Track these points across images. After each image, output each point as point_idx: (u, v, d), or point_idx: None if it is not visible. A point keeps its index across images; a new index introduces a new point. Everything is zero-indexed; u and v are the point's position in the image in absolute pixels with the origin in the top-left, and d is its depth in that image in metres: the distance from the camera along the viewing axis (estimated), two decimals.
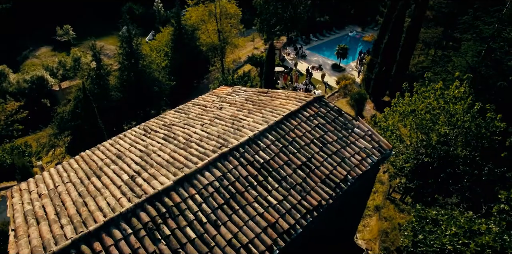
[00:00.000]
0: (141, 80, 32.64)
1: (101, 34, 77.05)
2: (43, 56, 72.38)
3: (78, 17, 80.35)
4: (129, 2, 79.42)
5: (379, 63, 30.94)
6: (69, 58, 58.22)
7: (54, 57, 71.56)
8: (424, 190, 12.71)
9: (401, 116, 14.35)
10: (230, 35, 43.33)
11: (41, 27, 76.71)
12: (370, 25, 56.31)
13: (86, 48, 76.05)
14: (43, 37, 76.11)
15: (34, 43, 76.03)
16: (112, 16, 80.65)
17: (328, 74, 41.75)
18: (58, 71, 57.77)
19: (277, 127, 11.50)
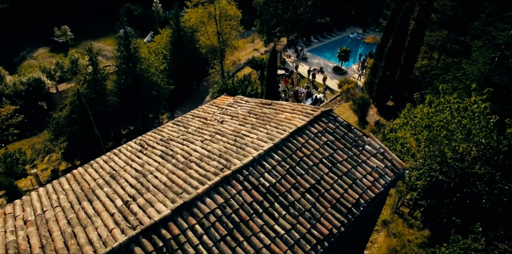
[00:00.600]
0: (139, 85, 31.74)
1: (100, 34, 76.13)
2: (40, 57, 71.33)
3: (76, 18, 79.26)
4: (128, 3, 78.32)
5: (383, 68, 30.10)
6: (66, 60, 57.21)
7: (52, 59, 70.54)
8: (439, 210, 11.89)
9: (414, 130, 13.52)
10: (230, 37, 42.43)
11: (38, 27, 75.61)
12: (371, 27, 55.49)
13: (84, 49, 74.82)
14: (40, 38, 75.02)
15: (31, 44, 74.94)
16: (111, 17, 79.48)
17: (330, 77, 40.95)
18: (56, 73, 56.79)
19: (283, 145, 10.64)
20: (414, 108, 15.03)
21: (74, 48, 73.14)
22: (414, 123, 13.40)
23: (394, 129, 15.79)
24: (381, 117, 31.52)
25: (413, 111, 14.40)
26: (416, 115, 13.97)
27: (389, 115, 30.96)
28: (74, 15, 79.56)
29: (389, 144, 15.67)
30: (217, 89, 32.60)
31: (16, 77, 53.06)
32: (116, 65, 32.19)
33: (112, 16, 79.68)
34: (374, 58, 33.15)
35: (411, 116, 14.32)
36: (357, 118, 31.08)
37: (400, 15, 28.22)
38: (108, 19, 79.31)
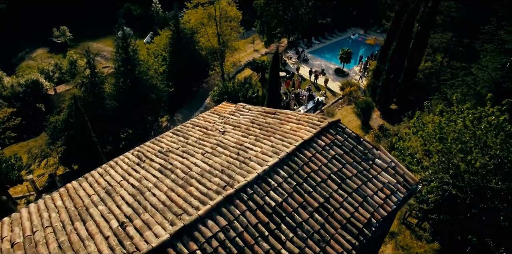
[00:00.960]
0: (138, 88, 31.08)
1: (99, 35, 75.41)
2: (39, 58, 70.65)
3: (75, 18, 78.56)
4: (127, 3, 77.61)
5: (387, 71, 29.44)
6: (65, 61, 56.54)
7: (51, 59, 69.85)
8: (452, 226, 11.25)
9: (424, 141, 12.87)
10: (230, 39, 41.72)
11: (37, 28, 74.91)
12: (372, 28, 54.80)
13: (83, 50, 74.23)
14: (39, 39, 74.36)
15: (30, 44, 74.27)
16: (110, 17, 78.82)
17: (332, 79, 40.30)
18: (54, 74, 56.14)
19: (289, 160, 9.99)
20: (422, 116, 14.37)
21: (73, 48, 72.42)
22: (425, 134, 12.74)
23: (402, 137, 15.12)
24: (385, 121, 30.87)
25: (423, 120, 13.74)
26: (426, 124, 13.33)
27: (393, 119, 30.31)
28: (73, 16, 78.85)
29: (396, 152, 15.01)
30: (217, 93, 31.93)
31: (14, 79, 52.40)
32: (114, 68, 31.51)
33: (112, 17, 78.86)
34: (377, 61, 32.49)
35: (420, 125, 13.67)
36: (360, 122, 30.44)
37: (404, 18, 27.54)
38: (108, 19, 78.51)
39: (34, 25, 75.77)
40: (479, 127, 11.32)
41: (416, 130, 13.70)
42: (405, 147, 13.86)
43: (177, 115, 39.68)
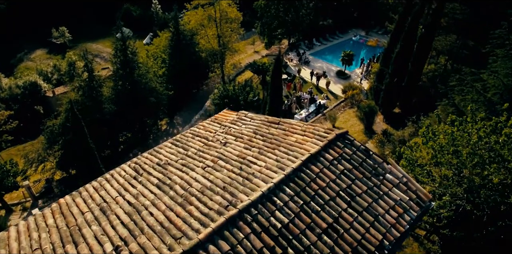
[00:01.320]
0: (137, 91, 30.44)
1: (99, 36, 74.69)
2: (38, 59, 69.91)
3: (75, 19, 77.75)
4: (127, 4, 76.89)
5: (390, 74, 28.82)
6: (64, 62, 55.78)
7: (49, 60, 69.09)
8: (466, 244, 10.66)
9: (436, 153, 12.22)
10: (230, 40, 41.09)
11: (36, 29, 74.12)
12: (374, 29, 54.16)
13: (82, 51, 73.55)
14: (38, 40, 73.57)
15: (29, 45, 73.48)
16: (110, 18, 78.03)
17: (333, 82, 39.67)
18: (53, 76, 55.46)
19: (296, 176, 9.37)
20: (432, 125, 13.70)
21: (72, 49, 71.68)
22: (436, 145, 12.09)
23: (411, 147, 14.48)
24: (388, 125, 30.26)
25: (434, 131, 13.07)
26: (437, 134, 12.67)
27: (396, 123, 29.72)
28: (73, 16, 78.03)
29: (404, 162, 14.38)
30: (217, 96, 31.31)
31: (12, 80, 51.74)
32: (113, 71, 30.86)
33: (111, 17, 78.09)
34: (380, 64, 31.85)
35: (430, 135, 13.03)
36: (363, 126, 29.82)
37: (408, 20, 26.92)
38: (107, 20, 77.73)
39: (33, 26, 74.96)
40: (496, 139, 10.68)
41: (426, 140, 13.07)
42: (414, 157, 13.19)
43: (176, 118, 39.05)
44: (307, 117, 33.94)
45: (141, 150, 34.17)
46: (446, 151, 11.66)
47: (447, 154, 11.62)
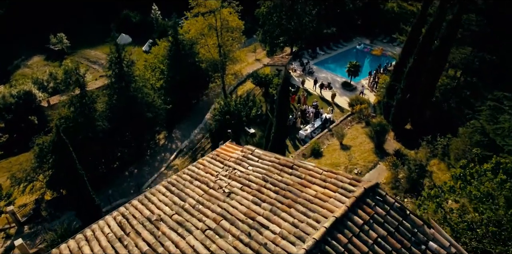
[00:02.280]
0: (133, 106, 28.43)
1: (97, 42, 72.59)
2: (35, 65, 68.08)
3: (73, 25, 76.02)
4: (126, 10, 75.07)
5: (402, 89, 26.87)
6: (60, 70, 53.89)
7: (47, 67, 67.25)
8: None
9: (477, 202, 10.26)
10: (231, 50, 39.16)
11: (35, 35, 72.31)
12: (378, 37, 52.30)
13: (80, 57, 71.86)
14: (36, 46, 71.73)
15: (26, 51, 71.68)
16: (109, 24, 76.34)
17: (339, 94, 37.73)
18: (49, 84, 53.44)
19: (319, 251, 7.35)
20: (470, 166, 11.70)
21: (70, 56, 69.93)
22: (479, 194, 10.11)
23: (441, 189, 12.43)
24: (400, 143, 28.27)
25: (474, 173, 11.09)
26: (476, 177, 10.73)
27: (409, 142, 27.77)
28: (71, 22, 76.30)
29: (431, 203, 12.33)
30: (218, 111, 29.32)
31: (6, 89, 49.78)
32: (107, 85, 28.86)
33: (111, 23, 76.49)
34: (390, 78, 29.89)
35: (468, 178, 11.06)
36: (373, 145, 27.82)
37: (423, 33, 25.00)
38: (107, 26, 75.97)
39: (31, 32, 73.26)
40: None
41: (464, 184, 11.09)
42: (461, 224, 10.84)
43: (175, 132, 37.03)
44: (313, 133, 31.97)
45: (138, 167, 32.24)
46: (489, 200, 9.71)
47: (493, 205, 9.67)
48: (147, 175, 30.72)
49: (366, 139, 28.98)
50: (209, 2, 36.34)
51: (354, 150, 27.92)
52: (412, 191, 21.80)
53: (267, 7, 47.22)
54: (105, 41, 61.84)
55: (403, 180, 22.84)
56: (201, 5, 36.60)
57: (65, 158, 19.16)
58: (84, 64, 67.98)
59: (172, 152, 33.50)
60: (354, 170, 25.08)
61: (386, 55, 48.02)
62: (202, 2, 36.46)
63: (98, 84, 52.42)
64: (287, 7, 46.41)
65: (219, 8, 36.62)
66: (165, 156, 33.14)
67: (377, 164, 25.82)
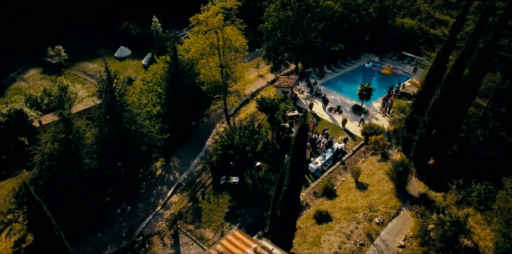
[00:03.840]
0: (126, 139, 24.83)
1: (96, 55, 68.95)
2: (31, 79, 64.50)
3: (71, 37, 72.59)
4: (126, 21, 71.68)
5: (427, 124, 23.31)
6: (55, 87, 50.23)
7: (43, 81, 63.59)
8: None
9: None
10: (235, 71, 35.65)
11: (32, 47, 68.84)
12: (388, 54, 48.84)
13: (78, 70, 68.28)
14: (33, 58, 68.18)
15: (23, 64, 68.04)
16: (109, 36, 72.87)
17: (349, 119, 34.18)
18: (43, 101, 49.78)
19: None
20: None
21: (68, 69, 66.41)
22: None
23: None
24: (422, 182, 24.66)
25: None
26: None
27: (433, 180, 24.21)
28: (70, 34, 72.86)
29: None
30: (220, 145, 25.73)
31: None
32: (97, 116, 25.26)
33: (110, 35, 73.14)
34: (411, 108, 26.29)
35: None
36: (393, 185, 24.19)
37: (454, 62, 21.50)
38: (106, 38, 72.57)
39: (29, 44, 69.88)
40: None
41: None
42: None
43: (173, 160, 33.30)
44: (324, 166, 28.40)
45: (131, 203, 28.56)
46: None
47: None
48: (141, 214, 27.01)
49: (384, 176, 25.37)
50: (211, 20, 32.88)
51: (372, 190, 24.30)
52: (447, 250, 18.17)
53: (272, 22, 43.82)
54: (111, 46, 58.21)
55: (433, 233, 19.20)
56: (203, 23, 33.17)
57: (39, 218, 15.57)
58: (82, 78, 64.54)
59: (169, 184, 29.79)
60: (375, 219, 21.42)
61: (396, 74, 44.61)
62: (204, 20, 33.02)
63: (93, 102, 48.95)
64: (292, 23, 43.06)
65: (221, 26, 33.16)
66: (162, 189, 29.43)
67: (400, 210, 22.16)
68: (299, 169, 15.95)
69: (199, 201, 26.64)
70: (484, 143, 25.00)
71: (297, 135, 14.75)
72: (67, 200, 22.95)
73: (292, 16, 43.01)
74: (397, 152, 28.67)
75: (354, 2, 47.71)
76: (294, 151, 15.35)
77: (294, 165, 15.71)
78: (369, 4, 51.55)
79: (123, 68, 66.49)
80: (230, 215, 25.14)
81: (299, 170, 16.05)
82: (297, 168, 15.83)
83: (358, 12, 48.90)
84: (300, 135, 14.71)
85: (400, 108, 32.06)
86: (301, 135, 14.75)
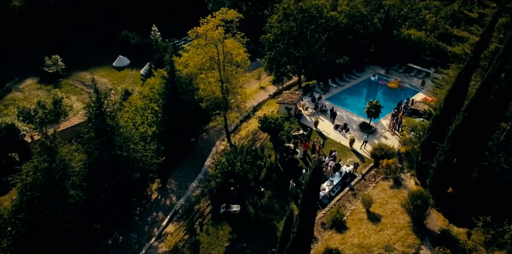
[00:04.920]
0: (118, 167, 22.38)
1: (94, 63, 66.96)
2: (27, 89, 62.19)
3: (69, 46, 70.48)
4: (125, 30, 69.51)
5: (447, 151, 20.91)
6: (49, 99, 47.91)
7: (39, 91, 61.35)
8: None
9: None
10: (236, 86, 33.28)
11: (29, 56, 66.65)
12: (393, 66, 46.55)
13: (75, 80, 65.92)
14: (30, 68, 65.92)
15: (19, 73, 65.72)
16: (108, 44, 70.70)
17: (357, 137, 31.72)
18: (37, 114, 47.41)
19: None
20: None
21: (65, 79, 64.12)
22: None
23: None
24: (441, 214, 22.20)
25: None
26: None
27: (454, 214, 21.73)
28: (68, 42, 70.74)
29: None
30: (219, 171, 23.27)
31: None
32: (86, 139, 22.81)
33: (109, 44, 70.95)
34: (427, 132, 23.84)
35: None
36: (409, 218, 21.73)
37: (479, 86, 19.16)
38: (105, 46, 70.40)
39: (26, 53, 67.69)
40: None
41: None
42: None
43: (170, 182, 30.84)
44: (331, 192, 25.94)
45: (124, 232, 26.05)
46: None
47: None
48: (134, 245, 24.51)
49: (398, 206, 22.92)
50: (211, 33, 30.56)
51: (386, 223, 21.83)
52: None
53: (274, 34, 41.55)
54: (109, 54, 55.49)
55: None
56: (202, 37, 30.86)
57: None
58: (79, 88, 62.28)
59: (165, 210, 27.29)
60: None
61: (403, 88, 42.29)
62: (203, 33, 30.70)
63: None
64: (295, 35, 40.81)
65: (221, 39, 30.83)
66: (158, 216, 26.94)
67: (420, 249, 19.69)
68: (311, 216, 13.53)
69: (197, 232, 24.11)
70: (507, 170, 22.53)
71: (310, 179, 12.36)
72: (50, 235, 20.46)
73: (295, 27, 40.78)
74: (410, 177, 26.25)
75: (360, 12, 45.37)
76: (306, 197, 12.94)
77: (306, 211, 13.29)
78: (373, 14, 49.42)
79: (121, 78, 64.24)
80: (231, 249, 22.62)
81: (311, 217, 13.63)
82: (309, 215, 13.41)
83: (362, 22, 46.66)
84: (313, 179, 12.33)
85: (411, 127, 29.69)
86: (314, 179, 12.36)
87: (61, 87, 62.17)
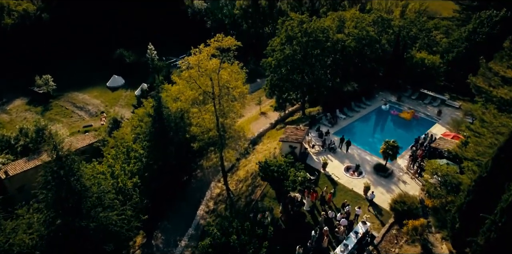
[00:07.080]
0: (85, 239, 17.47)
1: (86, 84, 62.29)
2: (14, 111, 57.50)
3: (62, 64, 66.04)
4: (121, 49, 65.15)
5: (501, 228, 16.04)
6: (32, 126, 43.11)
7: (27, 113, 56.68)
8: None
9: None
10: (233, 123, 28.60)
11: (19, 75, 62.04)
12: (405, 92, 41.94)
13: (66, 101, 61.25)
14: (19, 88, 61.30)
15: (8, 93, 61.07)
16: (101, 63, 66.39)
17: (372, 182, 26.89)
18: (18, 142, 42.61)
19: None
20: None
21: (56, 100, 59.49)
22: None
23: None
24: None
25: None
26: None
27: None
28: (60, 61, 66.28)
29: None
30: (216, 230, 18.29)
31: None
32: (45, 206, 17.89)
33: (103, 63, 66.55)
34: (467, 195, 18.96)
35: None
36: None
37: None
38: (98, 65, 66.05)
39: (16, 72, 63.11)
40: None
41: None
42: None
43: (157, 236, 25.90)
44: None
45: None
46: None
47: None
48: None
49: None
50: (205, 63, 25.98)
51: None
52: None
53: (276, 58, 37.00)
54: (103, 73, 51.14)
55: None
56: (194, 68, 26.27)
57: None
58: (69, 110, 57.64)
59: None
60: None
61: (418, 118, 37.62)
62: (196, 63, 26.09)
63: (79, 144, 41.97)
64: (299, 59, 36.29)
65: (217, 71, 26.20)
66: None
67: None
68: None
69: None
70: None
71: None
72: None
73: (299, 51, 36.30)
74: (441, 241, 21.36)
75: (369, 36, 40.87)
76: None
77: None
78: (381, 35, 45.01)
79: (114, 99, 59.61)
80: None
81: None
82: None
83: (371, 45, 42.19)
84: None
85: (435, 171, 24.94)
86: None
87: (51, 109, 57.68)
